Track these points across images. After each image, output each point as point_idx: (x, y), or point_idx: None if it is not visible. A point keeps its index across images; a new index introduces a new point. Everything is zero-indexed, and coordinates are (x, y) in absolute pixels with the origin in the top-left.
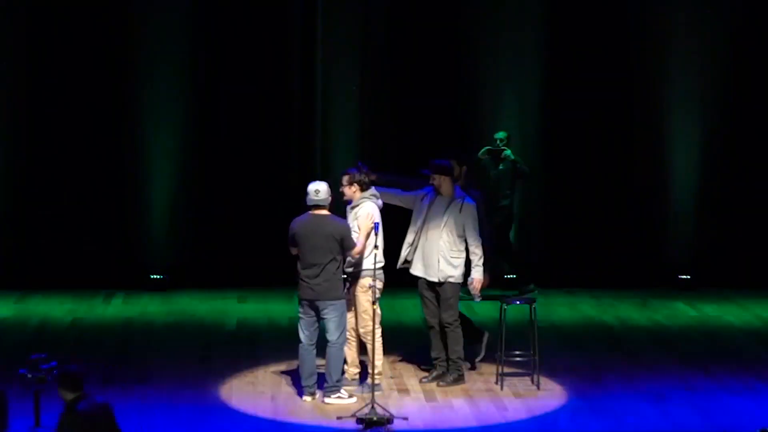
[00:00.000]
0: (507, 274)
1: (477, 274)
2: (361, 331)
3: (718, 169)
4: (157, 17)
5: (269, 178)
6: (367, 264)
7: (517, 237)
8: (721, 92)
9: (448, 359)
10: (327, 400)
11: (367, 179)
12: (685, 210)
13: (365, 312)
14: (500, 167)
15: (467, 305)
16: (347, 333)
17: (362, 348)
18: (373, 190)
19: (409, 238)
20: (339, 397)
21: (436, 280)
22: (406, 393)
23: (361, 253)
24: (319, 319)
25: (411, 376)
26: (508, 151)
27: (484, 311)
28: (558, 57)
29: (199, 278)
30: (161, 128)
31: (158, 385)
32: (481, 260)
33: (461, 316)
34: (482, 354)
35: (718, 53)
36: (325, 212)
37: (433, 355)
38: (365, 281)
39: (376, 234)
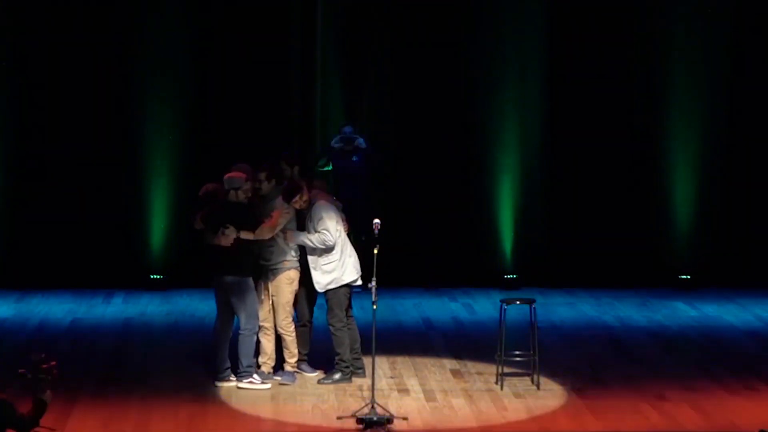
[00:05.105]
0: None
1: (298, 235)
2: (279, 322)
3: (718, 169)
4: (156, 20)
5: None
6: (291, 256)
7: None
8: (722, 92)
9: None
10: (240, 384)
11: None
12: (685, 210)
13: (287, 303)
14: (353, 158)
15: None
16: (270, 324)
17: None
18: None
19: None
20: (251, 382)
21: (320, 290)
22: (406, 393)
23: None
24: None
25: (411, 376)
26: (360, 140)
27: (484, 311)
28: (559, 56)
29: (199, 278)
30: (161, 127)
31: (158, 385)
32: (309, 240)
33: None
34: None
35: (718, 54)
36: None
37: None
38: (291, 273)
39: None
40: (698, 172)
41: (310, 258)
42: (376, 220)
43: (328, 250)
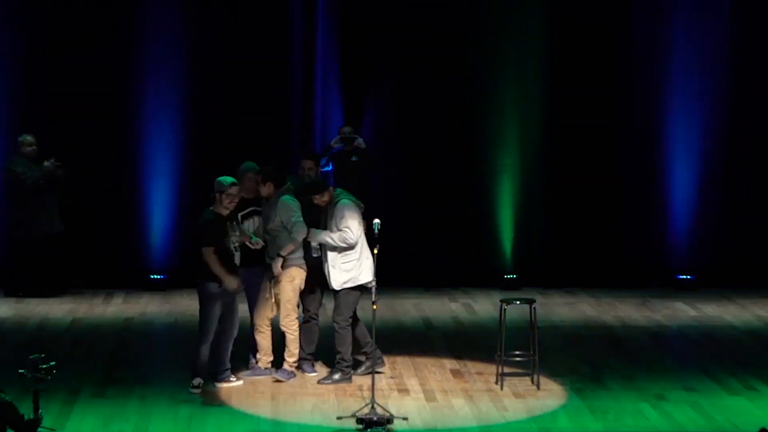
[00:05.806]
0: None
1: (319, 233)
2: (281, 320)
3: (718, 169)
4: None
5: None
6: (294, 254)
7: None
8: (721, 92)
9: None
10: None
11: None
12: (685, 210)
13: (289, 302)
14: (353, 158)
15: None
16: (262, 321)
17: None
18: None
19: None
20: (192, 385)
21: (336, 288)
22: (406, 393)
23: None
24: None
25: (411, 376)
26: (360, 140)
27: (484, 311)
28: (559, 57)
29: None
30: (161, 126)
31: (158, 385)
32: (331, 238)
33: None
34: None
35: (718, 54)
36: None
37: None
38: (293, 271)
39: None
40: (698, 172)
41: (330, 256)
42: (376, 220)
43: (349, 248)
